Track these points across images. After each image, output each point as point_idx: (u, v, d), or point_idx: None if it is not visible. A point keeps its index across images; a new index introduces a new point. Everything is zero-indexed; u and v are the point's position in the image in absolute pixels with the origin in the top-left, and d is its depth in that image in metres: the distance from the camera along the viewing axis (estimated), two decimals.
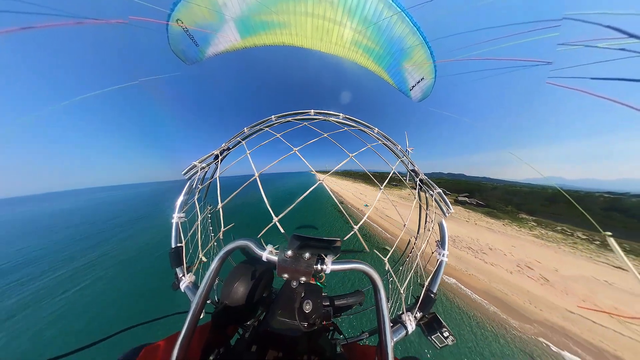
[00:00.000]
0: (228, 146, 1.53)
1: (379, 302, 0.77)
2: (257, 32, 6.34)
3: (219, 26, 6.07)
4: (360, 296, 1.54)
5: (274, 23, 6.03)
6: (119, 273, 19.74)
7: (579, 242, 21.46)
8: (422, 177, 1.45)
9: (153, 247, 24.89)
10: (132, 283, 17.36)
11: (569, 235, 23.28)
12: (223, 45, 6.73)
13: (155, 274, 17.68)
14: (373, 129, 1.58)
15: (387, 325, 0.75)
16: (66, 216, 68.65)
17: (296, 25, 5.98)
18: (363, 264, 0.78)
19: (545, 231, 24.15)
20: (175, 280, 1.17)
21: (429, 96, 8.31)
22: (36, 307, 16.80)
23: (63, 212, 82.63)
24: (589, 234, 22.91)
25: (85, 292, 17.60)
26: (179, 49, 6.48)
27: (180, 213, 1.27)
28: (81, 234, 38.40)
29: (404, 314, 1.00)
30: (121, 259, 23.10)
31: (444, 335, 0.98)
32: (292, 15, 5.76)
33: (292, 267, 0.72)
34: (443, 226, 1.21)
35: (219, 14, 5.78)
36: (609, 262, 16.53)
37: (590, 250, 19.47)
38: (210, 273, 0.79)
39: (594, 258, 17.70)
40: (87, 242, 31.90)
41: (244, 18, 5.92)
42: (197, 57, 6.92)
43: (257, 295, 1.04)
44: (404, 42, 6.06)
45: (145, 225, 38.95)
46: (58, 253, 28.97)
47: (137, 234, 32.94)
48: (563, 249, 19.28)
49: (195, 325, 0.75)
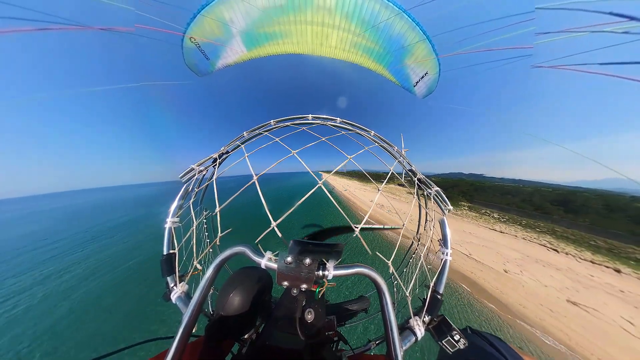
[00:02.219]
0: (227, 150, 1.51)
1: (385, 308, 0.74)
2: (261, 44, 6.74)
3: (227, 40, 6.56)
4: (365, 302, 1.48)
5: (277, 34, 6.39)
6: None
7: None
8: (419, 176, 1.44)
9: None
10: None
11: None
12: (231, 58, 7.23)
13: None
14: (369, 131, 1.58)
15: (395, 332, 0.71)
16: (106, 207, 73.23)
17: (297, 33, 6.29)
18: (366, 268, 0.75)
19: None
20: (167, 290, 1.10)
21: (434, 91, 8.22)
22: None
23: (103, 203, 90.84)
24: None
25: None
26: (192, 63, 7.08)
27: (174, 218, 1.22)
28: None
29: (412, 319, 0.95)
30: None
31: (455, 339, 0.91)
32: (292, 25, 6.08)
33: (292, 274, 0.70)
34: (444, 224, 1.18)
35: (227, 28, 6.26)
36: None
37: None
38: (205, 282, 0.75)
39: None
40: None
41: (249, 31, 6.34)
42: (208, 70, 7.49)
43: (255, 306, 0.98)
44: (404, 39, 6.13)
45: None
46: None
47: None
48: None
49: (187, 341, 0.70)
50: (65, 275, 20.10)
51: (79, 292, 16.41)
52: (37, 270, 22.59)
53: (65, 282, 18.85)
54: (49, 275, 21.02)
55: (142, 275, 16.21)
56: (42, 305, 15.78)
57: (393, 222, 23.28)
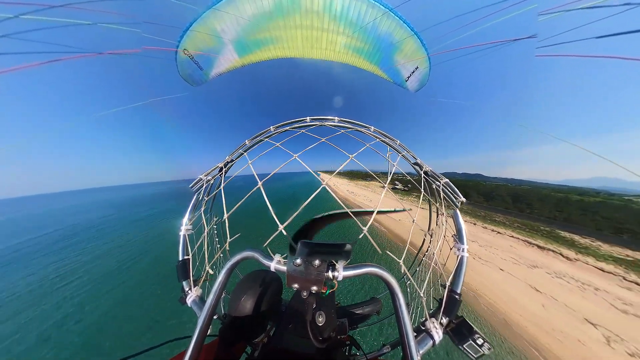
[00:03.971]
0: (232, 159, 1.57)
1: (399, 310, 0.70)
2: (252, 50, 6.86)
3: (219, 49, 6.67)
4: (377, 304, 1.42)
5: (267, 40, 6.51)
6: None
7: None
8: (426, 169, 1.37)
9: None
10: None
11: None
12: (224, 66, 7.35)
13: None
14: (369, 127, 1.55)
15: (410, 336, 0.68)
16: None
17: (287, 39, 6.41)
18: (377, 267, 0.72)
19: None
20: (182, 294, 1.15)
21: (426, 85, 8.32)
22: None
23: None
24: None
25: None
26: (186, 74, 7.19)
27: (187, 225, 1.29)
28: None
29: (428, 321, 0.90)
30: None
31: (478, 343, 0.85)
32: (282, 30, 6.20)
33: (302, 276, 0.69)
34: (458, 217, 1.11)
35: (218, 38, 6.38)
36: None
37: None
38: (217, 287, 0.76)
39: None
40: None
41: (240, 39, 6.46)
42: (202, 79, 7.60)
43: (265, 309, 0.98)
44: (392, 37, 6.24)
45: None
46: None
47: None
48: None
49: (202, 343, 0.71)
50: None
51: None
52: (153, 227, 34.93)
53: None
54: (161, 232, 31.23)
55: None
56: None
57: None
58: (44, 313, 13.74)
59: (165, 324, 10.52)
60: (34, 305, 14.91)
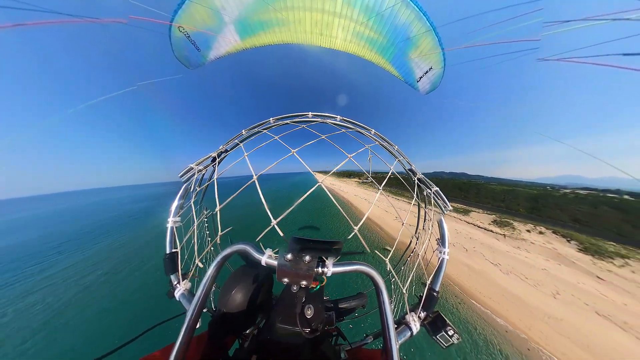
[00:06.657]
0: (226, 148, 1.49)
1: (382, 304, 0.76)
2: (256, 32, 6.26)
3: (219, 29, 6.06)
4: (363, 299, 1.53)
5: (272, 21, 5.91)
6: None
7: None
8: (419, 176, 1.45)
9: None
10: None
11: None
12: (224, 48, 6.73)
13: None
14: (370, 130, 1.57)
15: (391, 327, 0.74)
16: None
17: (295, 21, 5.82)
18: (364, 265, 0.76)
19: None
20: (170, 288, 1.13)
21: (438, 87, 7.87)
22: None
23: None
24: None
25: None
26: (182, 55, 6.55)
27: (175, 217, 1.23)
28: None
29: (408, 315, 0.98)
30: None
31: (449, 334, 0.96)
32: (290, 11, 5.61)
33: (292, 270, 0.70)
34: (442, 224, 1.19)
35: (218, 16, 5.76)
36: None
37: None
38: (207, 280, 0.76)
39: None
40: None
41: (242, 19, 5.85)
42: (200, 62, 6.97)
43: (255, 302, 1.00)
44: (410, 30, 5.72)
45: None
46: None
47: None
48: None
49: (191, 336, 0.72)
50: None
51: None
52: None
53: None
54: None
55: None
56: None
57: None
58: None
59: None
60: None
